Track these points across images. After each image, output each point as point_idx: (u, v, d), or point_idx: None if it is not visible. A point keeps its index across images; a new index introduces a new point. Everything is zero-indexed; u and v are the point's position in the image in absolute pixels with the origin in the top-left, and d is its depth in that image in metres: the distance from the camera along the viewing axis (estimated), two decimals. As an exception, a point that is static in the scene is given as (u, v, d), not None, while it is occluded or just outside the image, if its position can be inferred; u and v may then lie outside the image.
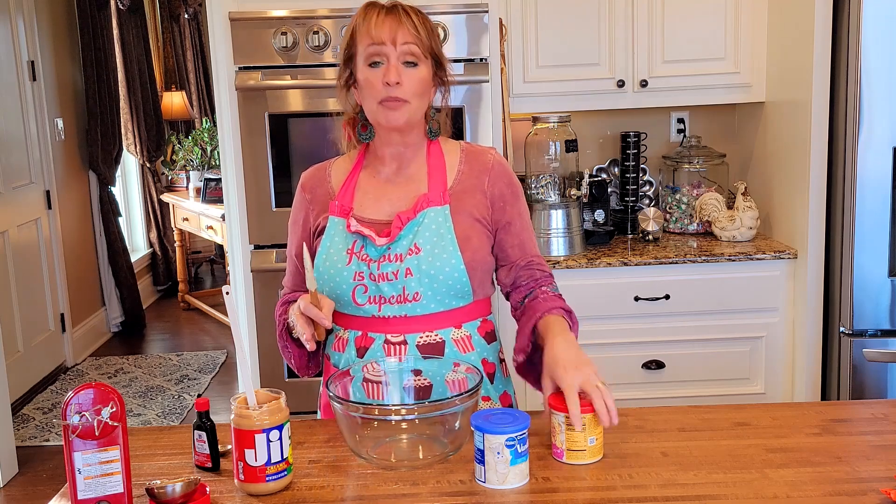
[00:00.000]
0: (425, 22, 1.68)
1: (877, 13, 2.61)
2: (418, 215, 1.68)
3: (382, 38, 1.64)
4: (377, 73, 1.65)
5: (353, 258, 1.68)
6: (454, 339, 1.72)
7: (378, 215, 1.72)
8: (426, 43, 1.67)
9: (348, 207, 1.73)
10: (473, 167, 1.76)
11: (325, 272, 1.70)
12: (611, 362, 2.97)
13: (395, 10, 1.66)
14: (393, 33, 1.64)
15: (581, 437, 1.49)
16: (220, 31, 2.85)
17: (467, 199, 1.73)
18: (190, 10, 7.42)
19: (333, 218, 1.73)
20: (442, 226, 1.68)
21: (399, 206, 1.72)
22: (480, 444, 1.42)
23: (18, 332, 4.54)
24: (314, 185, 1.80)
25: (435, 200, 1.70)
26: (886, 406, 1.73)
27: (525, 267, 1.77)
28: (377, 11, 1.67)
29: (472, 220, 1.72)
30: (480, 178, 1.75)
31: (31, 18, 4.81)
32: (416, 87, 1.66)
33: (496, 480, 1.43)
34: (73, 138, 5.40)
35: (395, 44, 1.64)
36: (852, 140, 2.69)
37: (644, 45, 3.09)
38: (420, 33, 1.65)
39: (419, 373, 1.66)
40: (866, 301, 2.73)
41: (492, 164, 1.76)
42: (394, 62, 1.64)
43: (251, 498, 1.42)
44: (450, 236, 1.67)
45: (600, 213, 3.22)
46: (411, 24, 1.65)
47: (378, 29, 1.64)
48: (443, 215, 1.69)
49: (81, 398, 1.33)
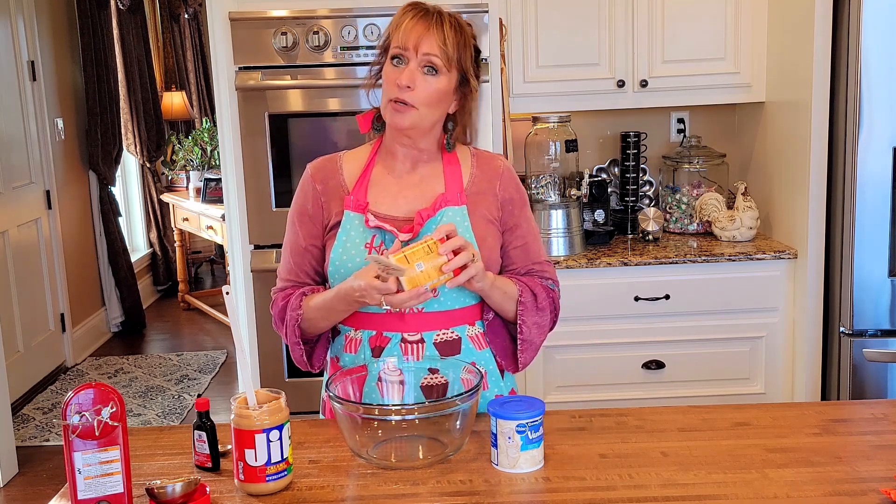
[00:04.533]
0: (458, 35, 1.68)
1: (877, 13, 2.61)
2: (437, 213, 1.71)
3: (407, 43, 1.66)
4: (396, 71, 1.67)
5: (373, 252, 1.69)
6: (469, 336, 1.73)
7: (394, 212, 1.73)
8: (451, 56, 1.67)
9: (364, 202, 1.73)
10: (485, 171, 1.79)
11: (341, 266, 1.71)
12: (611, 362, 2.97)
13: (428, 17, 1.67)
14: (417, 41, 1.65)
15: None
16: (220, 31, 2.85)
17: (480, 201, 1.75)
18: (190, 10, 7.42)
19: (349, 212, 1.73)
20: (460, 224, 1.71)
21: (415, 204, 1.73)
22: (494, 428, 1.48)
23: (18, 332, 4.53)
24: (325, 177, 1.79)
25: (453, 200, 1.73)
26: (886, 406, 1.73)
27: (525, 275, 1.79)
28: (413, 14, 1.68)
29: (485, 221, 1.75)
30: (492, 182, 1.78)
31: (31, 18, 4.81)
32: (428, 96, 1.67)
33: (507, 464, 1.48)
34: (73, 138, 5.40)
35: (417, 51, 1.65)
36: (852, 140, 2.69)
37: (644, 45, 3.09)
38: (447, 45, 1.66)
39: (436, 371, 1.67)
40: (866, 301, 2.73)
41: (502, 170, 1.80)
42: (412, 66, 1.66)
43: (251, 498, 1.42)
44: (468, 235, 1.71)
45: (600, 213, 3.22)
46: (440, 35, 1.65)
47: (406, 34, 1.66)
48: (461, 215, 1.72)
49: (81, 398, 1.33)
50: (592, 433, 1.63)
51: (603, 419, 1.69)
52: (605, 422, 1.68)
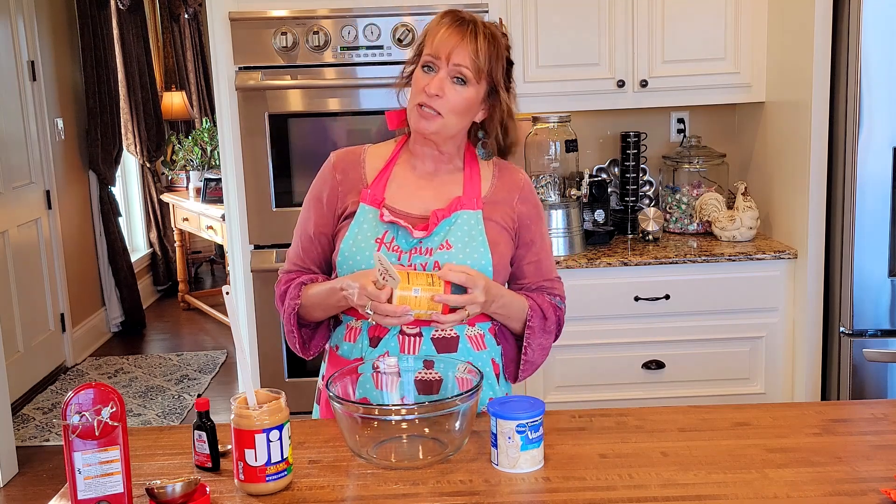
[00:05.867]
0: (491, 46, 1.69)
1: (877, 13, 2.61)
2: (452, 215, 1.72)
3: (440, 52, 1.67)
4: (426, 77, 1.69)
5: (382, 248, 1.70)
6: (468, 336, 1.74)
7: (409, 209, 1.75)
8: (482, 67, 1.68)
9: (380, 197, 1.75)
10: (506, 182, 1.81)
11: (350, 257, 1.72)
12: (611, 362, 2.97)
13: (463, 27, 1.68)
14: (449, 51, 1.66)
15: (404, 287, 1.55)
16: (220, 31, 2.85)
17: (497, 210, 1.77)
18: (190, 10, 7.42)
19: (364, 205, 1.75)
20: (474, 228, 1.73)
21: (431, 204, 1.75)
22: (494, 428, 1.48)
23: (18, 332, 4.53)
24: (347, 167, 1.80)
25: (468, 205, 1.74)
26: (886, 406, 1.73)
27: (536, 290, 1.82)
28: (448, 23, 1.69)
29: (500, 228, 1.76)
30: (511, 194, 1.80)
31: (31, 18, 4.81)
32: (455, 105, 1.68)
33: (507, 464, 1.47)
34: (73, 138, 5.40)
35: (449, 61, 1.67)
36: (852, 140, 2.69)
37: (644, 45, 3.09)
38: (478, 57, 1.67)
39: (430, 365, 1.67)
40: (866, 301, 2.73)
41: (523, 184, 1.82)
42: (441, 75, 1.67)
43: (251, 498, 1.42)
44: (481, 238, 1.72)
45: (600, 213, 3.22)
46: (472, 47, 1.66)
47: (440, 42, 1.67)
48: (475, 219, 1.74)
49: (81, 398, 1.33)
50: (592, 433, 1.63)
51: (603, 419, 1.69)
52: (605, 422, 1.68)
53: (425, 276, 1.58)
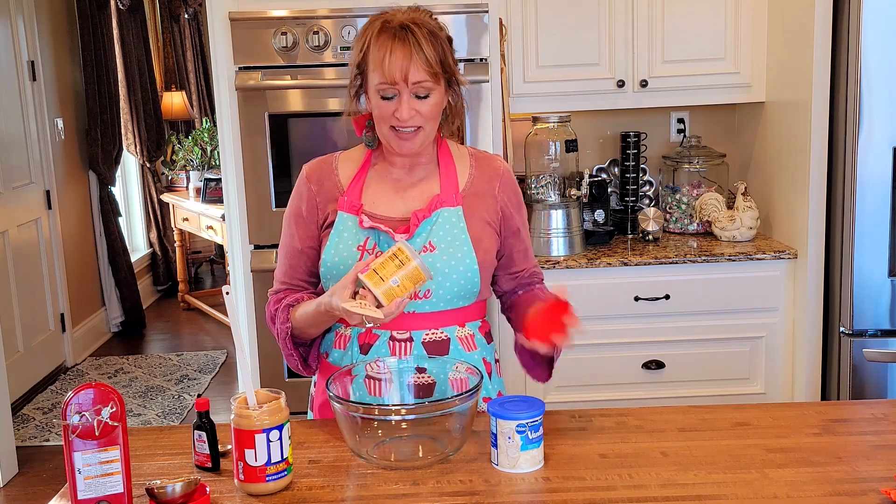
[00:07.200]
0: (436, 44, 1.63)
1: (877, 13, 2.61)
2: (433, 214, 1.70)
3: (394, 77, 1.60)
4: (389, 105, 1.64)
5: (365, 255, 1.69)
6: (459, 338, 1.73)
7: (389, 213, 1.73)
8: (438, 71, 1.63)
9: (358, 204, 1.73)
10: (484, 172, 1.78)
11: (333, 268, 1.71)
12: (611, 362, 2.97)
13: (406, 40, 1.60)
14: (405, 71, 1.60)
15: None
16: (220, 31, 2.85)
17: (479, 203, 1.75)
18: (190, 10, 7.42)
19: (343, 213, 1.73)
20: (455, 226, 1.70)
21: (411, 205, 1.73)
22: (494, 428, 1.48)
23: (18, 332, 4.53)
24: (321, 177, 1.79)
25: (448, 201, 1.72)
26: (886, 406, 1.73)
27: (527, 279, 1.85)
28: (387, 39, 1.61)
29: (483, 223, 1.74)
30: (491, 184, 1.78)
31: (31, 18, 4.81)
32: (428, 114, 1.66)
33: (507, 464, 1.48)
34: (73, 138, 5.40)
35: (407, 81, 1.61)
36: (852, 140, 2.69)
37: (644, 45, 3.08)
38: (432, 65, 1.61)
39: (423, 370, 1.66)
40: (866, 301, 2.73)
41: (502, 172, 1.80)
42: (406, 99, 1.62)
43: (251, 498, 1.42)
44: (464, 236, 1.70)
45: (600, 213, 3.22)
46: (422, 57, 1.60)
47: (390, 67, 1.60)
48: (456, 216, 1.71)
49: (81, 398, 1.33)
50: (592, 433, 1.63)
51: (603, 419, 1.69)
52: (605, 422, 1.68)
53: (389, 260, 1.54)
